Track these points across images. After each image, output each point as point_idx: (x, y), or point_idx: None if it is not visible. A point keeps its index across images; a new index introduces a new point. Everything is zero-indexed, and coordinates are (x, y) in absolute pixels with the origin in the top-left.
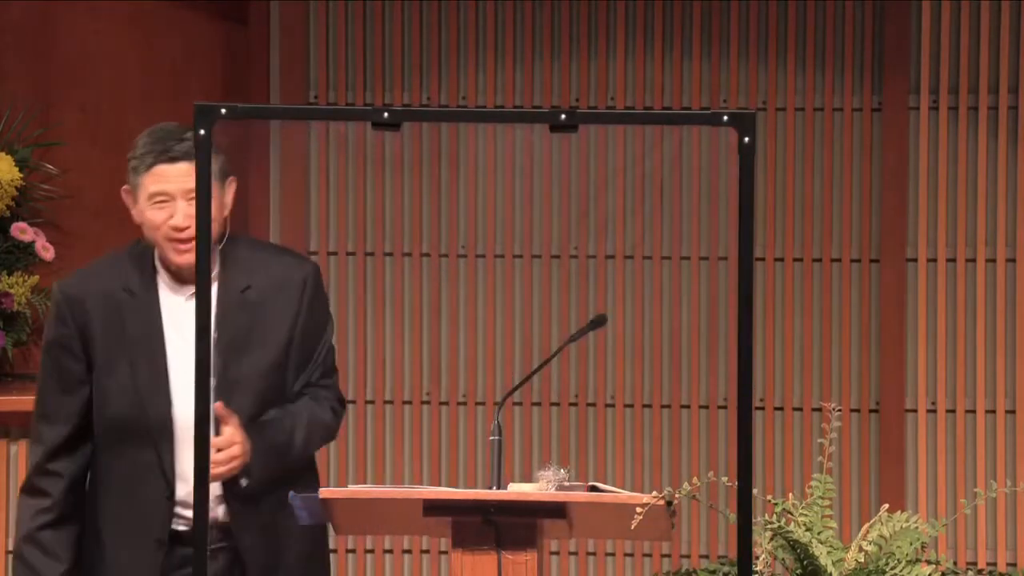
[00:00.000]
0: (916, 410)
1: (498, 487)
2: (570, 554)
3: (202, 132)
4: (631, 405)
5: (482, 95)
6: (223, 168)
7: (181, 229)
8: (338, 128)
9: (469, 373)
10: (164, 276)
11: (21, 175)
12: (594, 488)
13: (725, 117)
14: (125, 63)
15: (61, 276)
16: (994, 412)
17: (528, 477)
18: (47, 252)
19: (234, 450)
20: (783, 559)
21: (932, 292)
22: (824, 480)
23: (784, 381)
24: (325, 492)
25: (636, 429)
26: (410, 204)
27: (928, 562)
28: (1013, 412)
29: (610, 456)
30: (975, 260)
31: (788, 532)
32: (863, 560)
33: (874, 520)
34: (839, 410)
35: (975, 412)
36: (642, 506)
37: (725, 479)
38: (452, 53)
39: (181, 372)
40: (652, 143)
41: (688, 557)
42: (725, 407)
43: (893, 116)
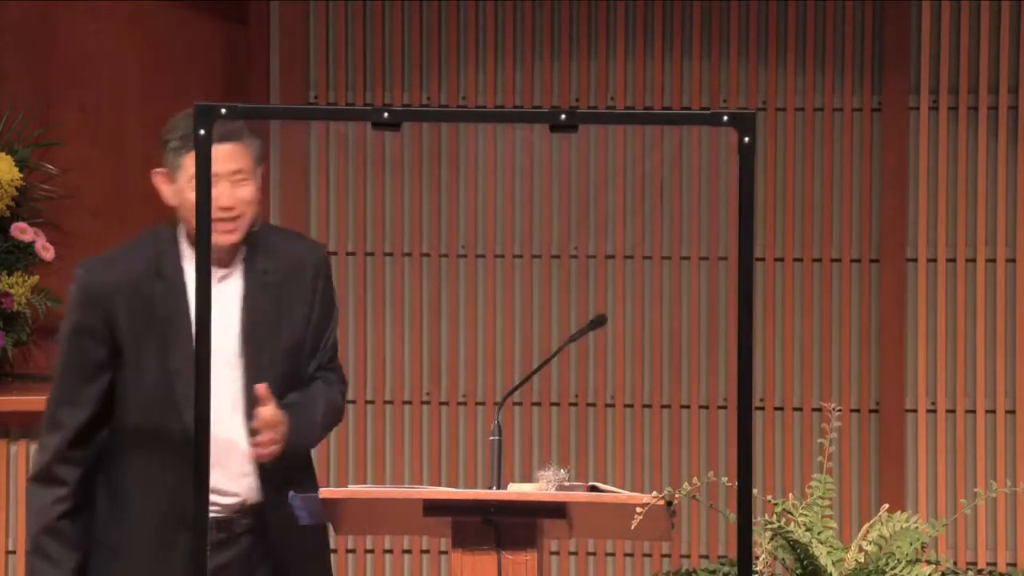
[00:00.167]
0: (916, 410)
1: (498, 487)
2: (570, 554)
3: (202, 132)
4: (631, 405)
5: (482, 95)
6: (260, 152)
7: (227, 209)
8: (338, 128)
9: (469, 373)
10: (193, 258)
11: (21, 175)
12: (594, 488)
13: (725, 117)
14: (125, 63)
15: (61, 276)
16: (994, 412)
17: (528, 477)
18: (47, 252)
19: (282, 430)
20: (783, 559)
21: (932, 292)
22: (824, 480)
23: (784, 381)
24: (325, 492)
25: (636, 429)
26: (410, 204)
27: (928, 562)
28: (1013, 412)
29: (610, 456)
30: (975, 260)
31: (788, 532)
32: (863, 560)
33: (874, 520)
34: (839, 410)
35: (975, 412)
36: (642, 506)
37: (725, 479)
38: (452, 53)
39: (211, 357)
40: (652, 143)
41: (688, 557)
42: (725, 407)
43: (893, 116)
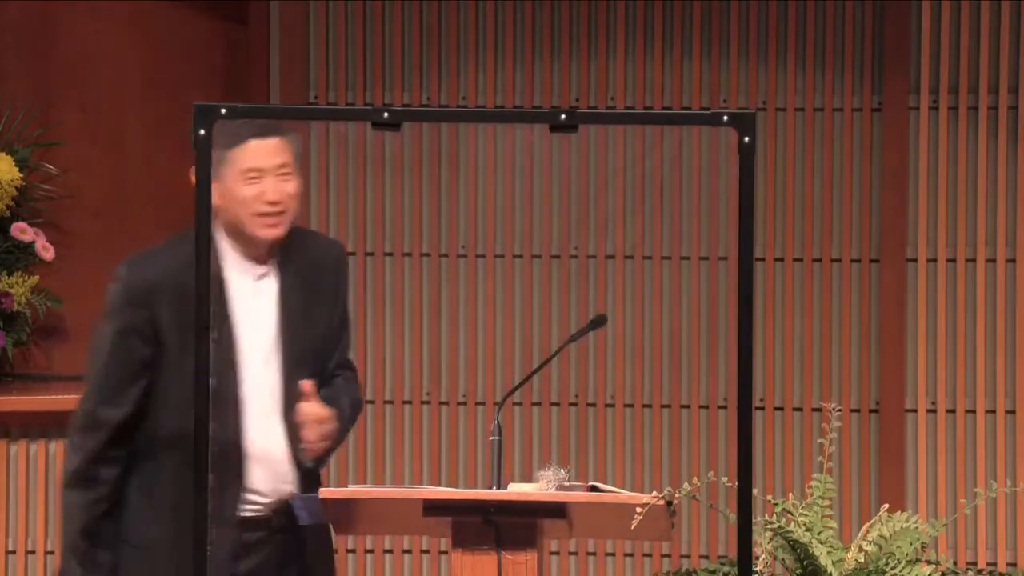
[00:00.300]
0: (916, 410)
1: (498, 487)
2: (570, 554)
3: (202, 132)
4: (631, 405)
5: (482, 95)
6: (300, 147)
7: (273, 203)
8: (338, 128)
9: (469, 373)
10: (233, 257)
11: (21, 175)
12: (594, 488)
13: (725, 117)
14: (125, 63)
15: (61, 276)
16: (994, 412)
17: (528, 477)
18: (47, 252)
19: (330, 427)
20: (783, 559)
21: (932, 292)
22: (824, 480)
23: (784, 381)
24: (325, 492)
25: (636, 429)
26: (410, 204)
27: (928, 562)
28: (1013, 412)
29: (610, 456)
30: (975, 260)
31: (788, 532)
32: (863, 560)
33: (874, 520)
34: (839, 410)
35: (975, 412)
36: (642, 506)
37: (725, 479)
38: (452, 53)
39: (250, 354)
40: (652, 143)
41: (688, 557)
42: (725, 407)
43: (893, 116)
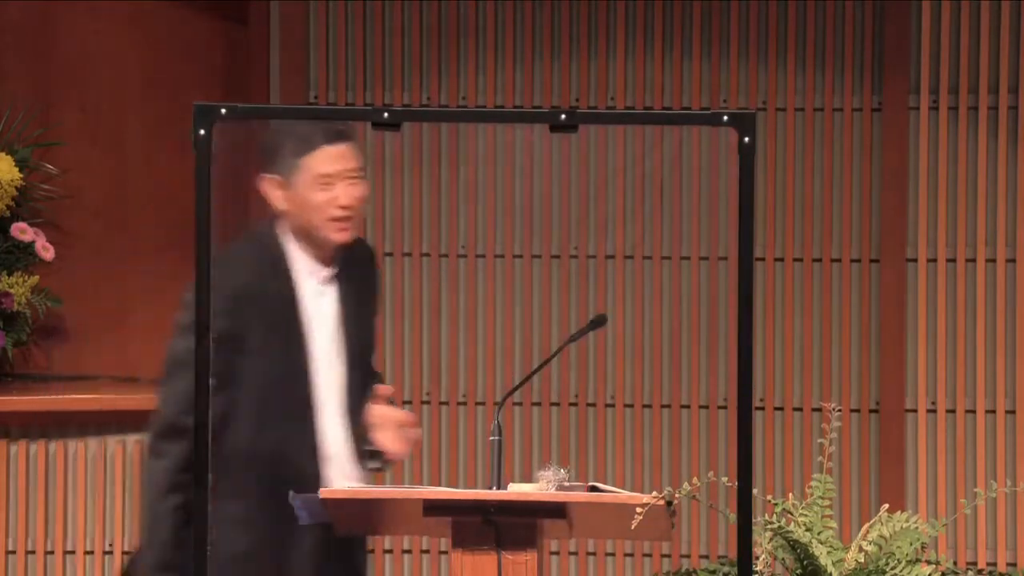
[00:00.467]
0: (916, 410)
1: (498, 487)
2: (570, 554)
3: (202, 132)
4: (631, 405)
5: (482, 95)
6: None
7: (346, 208)
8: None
9: (469, 373)
10: (302, 260)
11: (21, 175)
12: (594, 488)
13: (725, 117)
14: (125, 63)
15: (61, 276)
16: (994, 412)
17: (528, 477)
18: (47, 252)
19: (416, 431)
20: (783, 559)
21: (932, 292)
22: (824, 480)
23: (784, 381)
24: (325, 492)
25: (636, 429)
26: (410, 204)
27: (928, 562)
28: (1013, 412)
29: (610, 456)
30: (975, 260)
31: (788, 532)
32: (863, 560)
33: (874, 520)
34: (839, 410)
35: (975, 412)
36: (642, 506)
37: (725, 479)
38: (452, 53)
39: (320, 356)
40: (652, 143)
41: (688, 557)
42: (725, 407)
43: (893, 116)
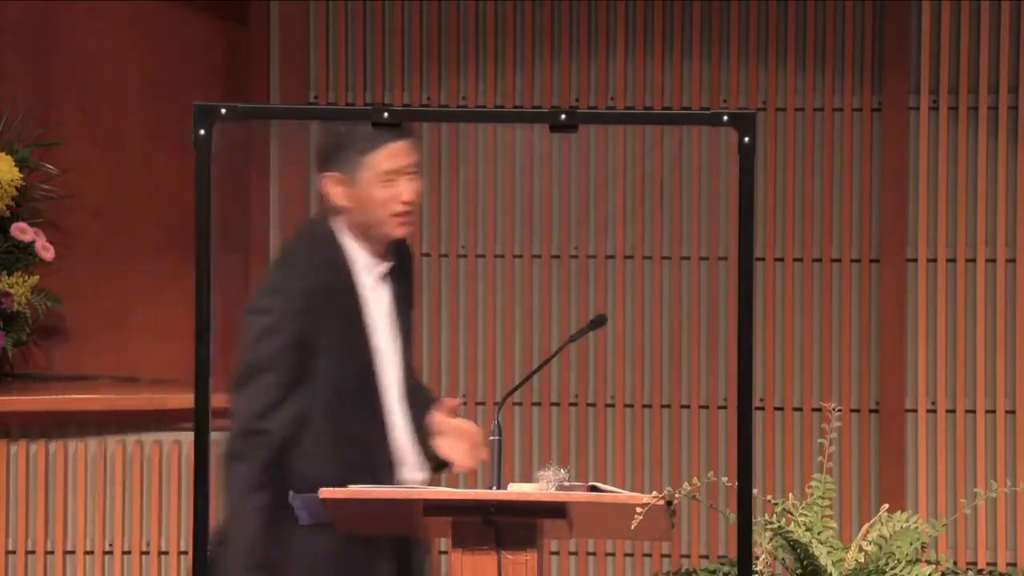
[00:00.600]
0: (916, 410)
1: (498, 487)
2: (570, 554)
3: (202, 132)
4: (631, 405)
5: (482, 95)
6: None
7: (409, 203)
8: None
9: (469, 373)
10: (361, 255)
11: (21, 175)
12: (594, 488)
13: (725, 117)
14: (125, 63)
15: (61, 276)
16: (994, 412)
17: (528, 477)
18: (47, 252)
19: (485, 451)
20: (783, 559)
21: (932, 292)
22: (824, 480)
23: (784, 381)
24: (325, 492)
25: (636, 429)
26: None
27: (928, 562)
28: (1013, 412)
29: (610, 456)
30: (975, 260)
31: (788, 532)
32: (863, 560)
33: (874, 520)
34: (839, 410)
35: (975, 412)
36: (642, 506)
37: (725, 479)
38: (452, 53)
39: (383, 352)
40: (652, 143)
41: (688, 557)
42: (725, 407)
43: (893, 116)
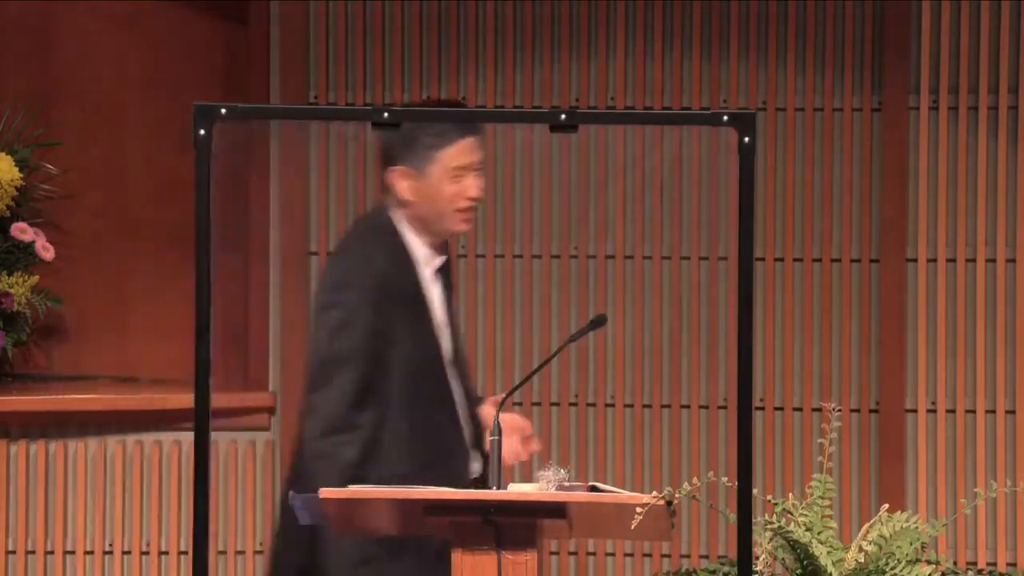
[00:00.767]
0: (916, 410)
1: (498, 487)
2: (570, 554)
3: (202, 132)
4: (631, 405)
5: (482, 95)
6: None
7: (475, 199)
8: (338, 128)
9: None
10: (419, 249)
11: (21, 175)
12: (594, 488)
13: (725, 117)
14: (125, 63)
15: (61, 276)
16: (994, 412)
17: (528, 477)
18: (47, 252)
19: (537, 444)
20: (783, 559)
21: (932, 292)
22: (824, 480)
23: (784, 381)
24: (325, 492)
25: (636, 429)
26: None
27: (928, 562)
28: (1013, 412)
29: (610, 456)
30: (975, 260)
31: (788, 532)
32: (863, 560)
33: (874, 520)
34: (839, 410)
35: (975, 412)
36: (642, 506)
37: (725, 479)
38: (452, 53)
39: (445, 344)
40: (652, 143)
41: (688, 557)
42: (725, 407)
43: (893, 116)
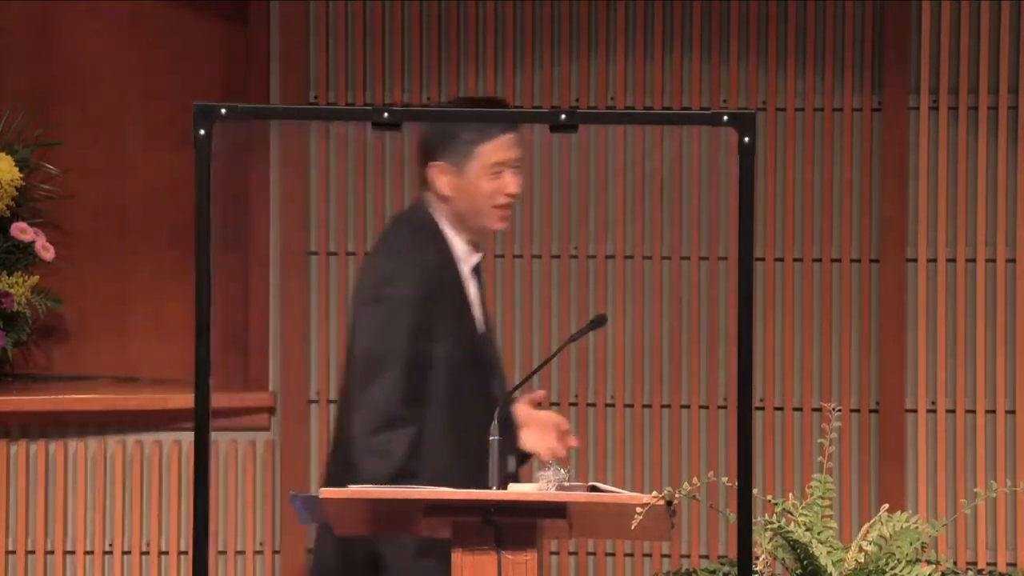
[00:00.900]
0: (916, 410)
1: (498, 487)
2: (570, 554)
3: (202, 132)
4: (631, 405)
5: (482, 95)
6: None
7: (513, 196)
8: (338, 128)
9: None
10: (459, 245)
11: (21, 175)
12: (594, 488)
13: (725, 117)
14: (125, 63)
15: (61, 276)
16: (994, 412)
17: (528, 477)
18: (47, 252)
19: (574, 440)
20: (783, 559)
21: (932, 292)
22: (824, 480)
23: (784, 381)
24: (325, 492)
25: (636, 429)
26: None
27: (928, 562)
28: (1013, 412)
29: (610, 456)
30: (975, 260)
31: (788, 532)
32: (863, 560)
33: (874, 520)
34: (839, 410)
35: (975, 412)
36: (642, 506)
37: (725, 479)
38: (452, 53)
39: (483, 340)
40: (652, 143)
41: (688, 557)
42: (725, 407)
43: (893, 116)
